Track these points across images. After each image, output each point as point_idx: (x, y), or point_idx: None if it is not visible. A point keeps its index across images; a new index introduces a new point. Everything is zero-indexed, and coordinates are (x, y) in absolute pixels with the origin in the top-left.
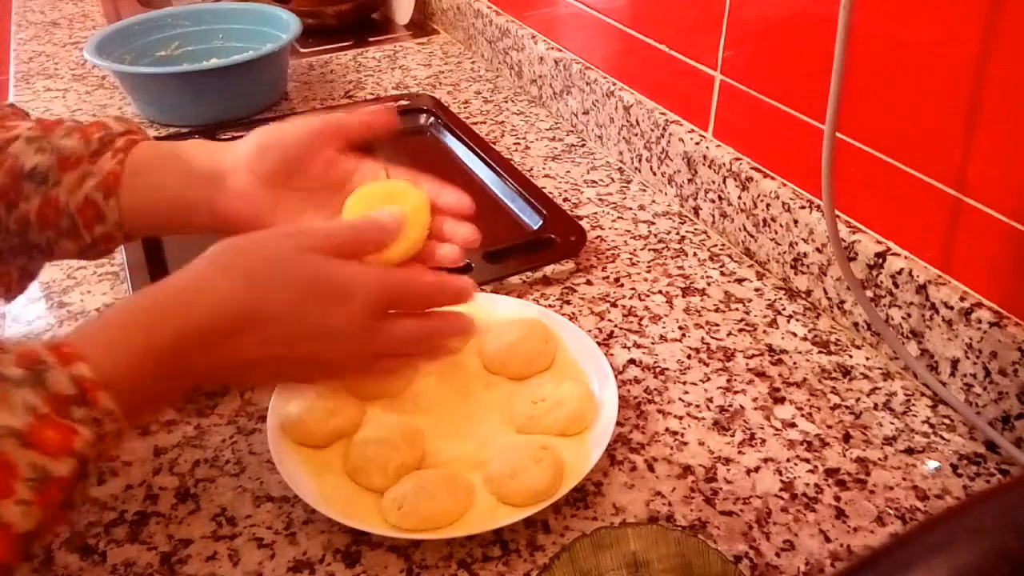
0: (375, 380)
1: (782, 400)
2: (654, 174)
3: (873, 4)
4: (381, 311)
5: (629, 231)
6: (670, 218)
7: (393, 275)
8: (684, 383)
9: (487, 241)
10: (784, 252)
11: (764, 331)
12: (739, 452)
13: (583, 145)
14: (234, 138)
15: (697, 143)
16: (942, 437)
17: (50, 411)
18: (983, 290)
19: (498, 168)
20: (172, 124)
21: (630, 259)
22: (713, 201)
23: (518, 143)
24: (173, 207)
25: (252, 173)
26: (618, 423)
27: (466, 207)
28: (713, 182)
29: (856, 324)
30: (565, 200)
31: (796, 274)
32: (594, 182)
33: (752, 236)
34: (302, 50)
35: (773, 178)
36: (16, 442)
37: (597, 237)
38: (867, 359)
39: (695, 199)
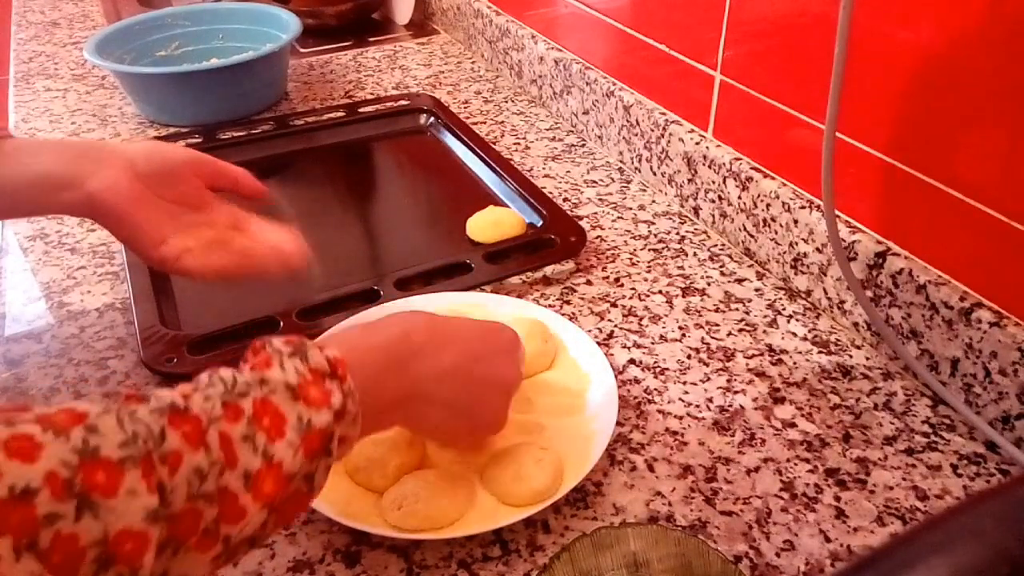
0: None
1: (782, 400)
2: (654, 174)
3: (873, 4)
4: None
5: (629, 231)
6: (670, 218)
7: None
8: (684, 383)
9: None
10: (784, 252)
11: (764, 331)
12: (739, 452)
13: (583, 145)
14: (234, 138)
15: (697, 143)
16: (942, 437)
17: (312, 378)
18: (983, 290)
19: (498, 168)
20: (172, 124)
21: (630, 259)
22: (713, 201)
23: (518, 143)
24: (45, 179)
25: (132, 168)
26: (618, 423)
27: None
28: (713, 182)
29: (856, 324)
30: (565, 200)
31: (796, 274)
32: (594, 182)
33: (752, 236)
34: (302, 50)
35: (773, 178)
36: (288, 395)
37: (597, 237)
38: (867, 359)
39: (695, 199)
